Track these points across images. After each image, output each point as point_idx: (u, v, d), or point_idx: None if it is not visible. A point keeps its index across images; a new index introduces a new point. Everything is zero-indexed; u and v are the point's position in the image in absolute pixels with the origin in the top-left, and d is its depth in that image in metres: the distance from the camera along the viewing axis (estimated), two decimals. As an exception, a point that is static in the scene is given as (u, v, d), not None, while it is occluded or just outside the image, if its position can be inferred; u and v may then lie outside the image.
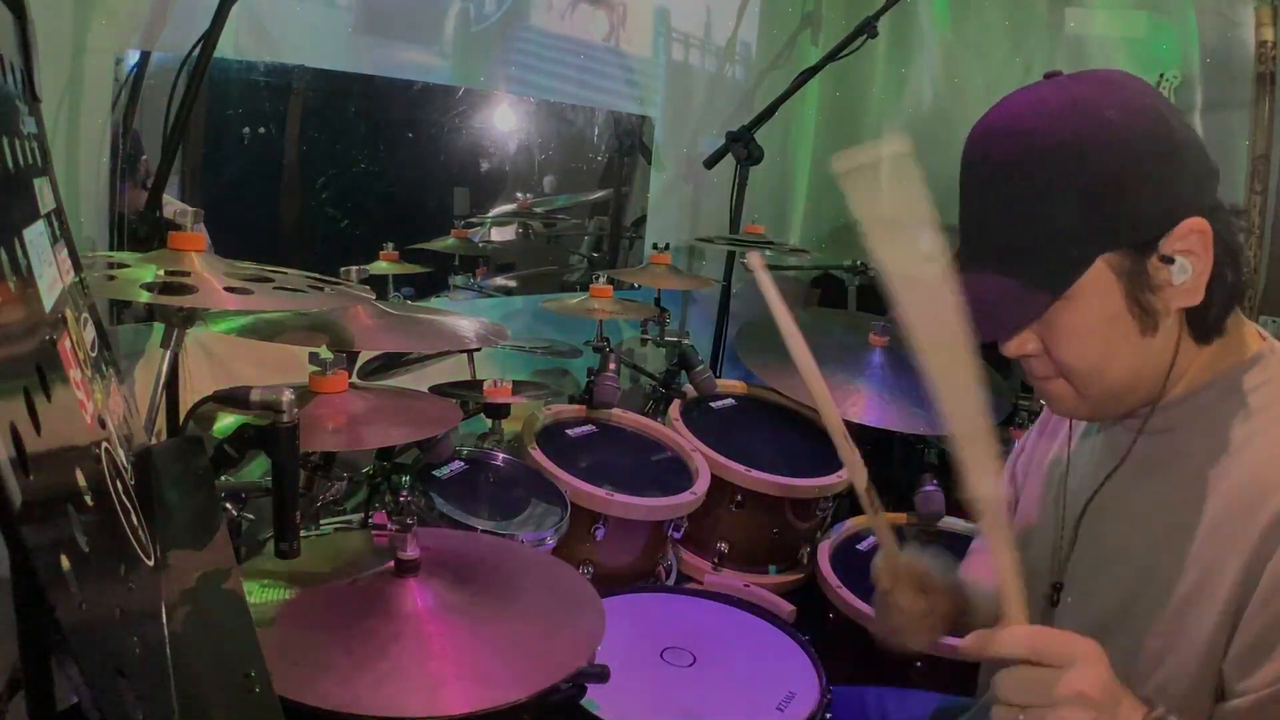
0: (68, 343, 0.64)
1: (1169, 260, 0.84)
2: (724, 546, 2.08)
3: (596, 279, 2.21)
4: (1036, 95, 0.88)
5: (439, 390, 1.85)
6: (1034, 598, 1.02)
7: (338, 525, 1.68)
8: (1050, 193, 0.85)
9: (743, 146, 2.57)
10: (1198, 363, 0.91)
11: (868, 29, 2.49)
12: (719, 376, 2.50)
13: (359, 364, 1.82)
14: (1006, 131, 0.88)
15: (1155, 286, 0.85)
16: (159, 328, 1.57)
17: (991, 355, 0.93)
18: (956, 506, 2.13)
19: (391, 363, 1.94)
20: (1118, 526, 0.97)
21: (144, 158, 1.71)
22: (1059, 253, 0.86)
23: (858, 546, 2.07)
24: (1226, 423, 0.89)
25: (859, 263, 2.82)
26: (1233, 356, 0.91)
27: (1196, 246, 0.84)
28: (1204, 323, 0.88)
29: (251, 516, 1.36)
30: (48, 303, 0.62)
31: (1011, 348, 0.93)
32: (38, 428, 0.47)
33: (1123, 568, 0.94)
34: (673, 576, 2.04)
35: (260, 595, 1.18)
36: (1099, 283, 0.85)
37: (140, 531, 0.68)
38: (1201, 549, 0.87)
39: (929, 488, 2.08)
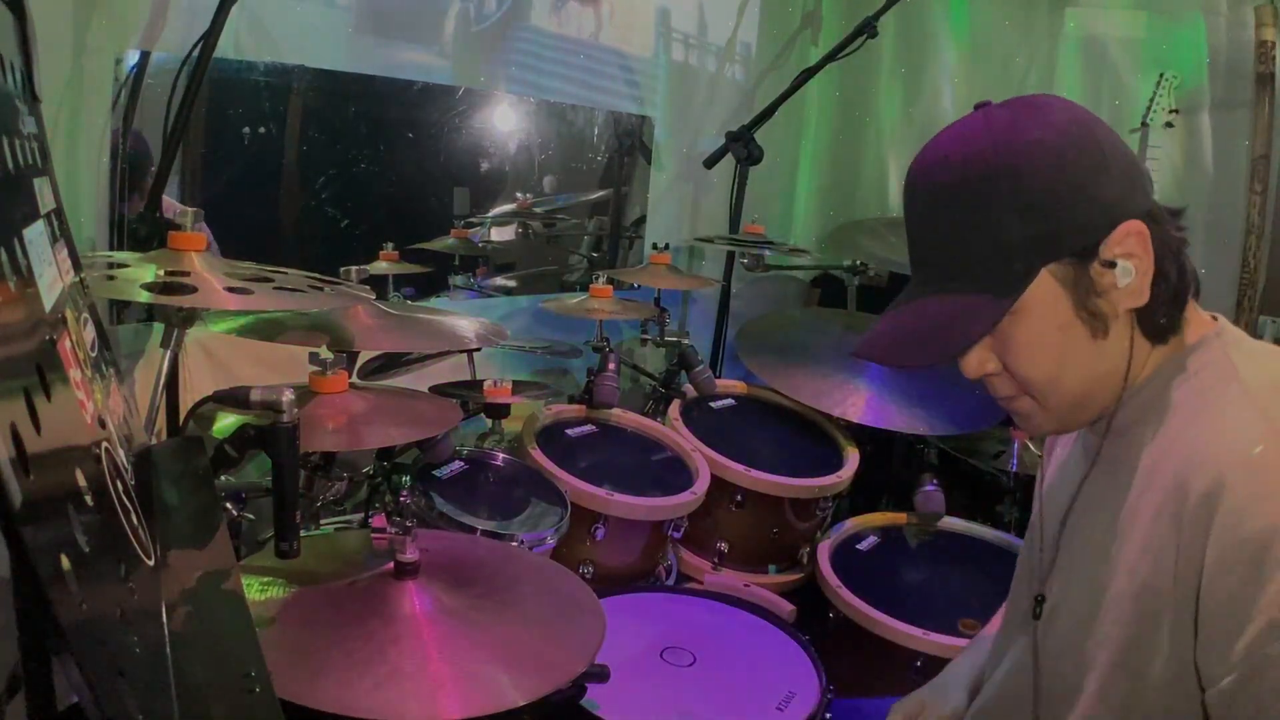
0: (68, 343, 0.64)
1: (1111, 265, 0.88)
2: (724, 546, 2.08)
3: (596, 279, 2.21)
4: (963, 127, 0.93)
5: (439, 390, 1.85)
6: (1021, 613, 1.04)
7: (338, 525, 1.68)
8: (989, 213, 0.88)
9: (743, 146, 2.57)
10: (1152, 358, 0.94)
11: (868, 29, 2.49)
12: (719, 376, 2.50)
13: (359, 364, 1.82)
14: (939, 164, 0.92)
15: (1101, 290, 0.89)
16: (159, 328, 1.57)
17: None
18: (956, 506, 2.13)
19: (391, 363, 1.94)
20: (1088, 529, 0.98)
21: (148, 164, 1.71)
22: (1005, 267, 0.89)
23: (858, 546, 2.07)
24: (1169, 411, 0.91)
25: (859, 263, 2.82)
26: (1178, 346, 0.94)
27: (1136, 248, 0.88)
28: (1154, 321, 0.92)
29: (251, 516, 1.36)
30: (48, 303, 0.62)
31: (973, 368, 0.96)
32: (38, 428, 0.47)
33: (1092, 564, 0.96)
34: (673, 576, 2.04)
35: (260, 595, 1.18)
36: (1047, 293, 0.89)
37: (140, 531, 0.68)
38: (1150, 538, 0.88)
39: (929, 488, 2.08)
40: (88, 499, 0.55)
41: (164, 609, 0.66)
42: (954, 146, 0.92)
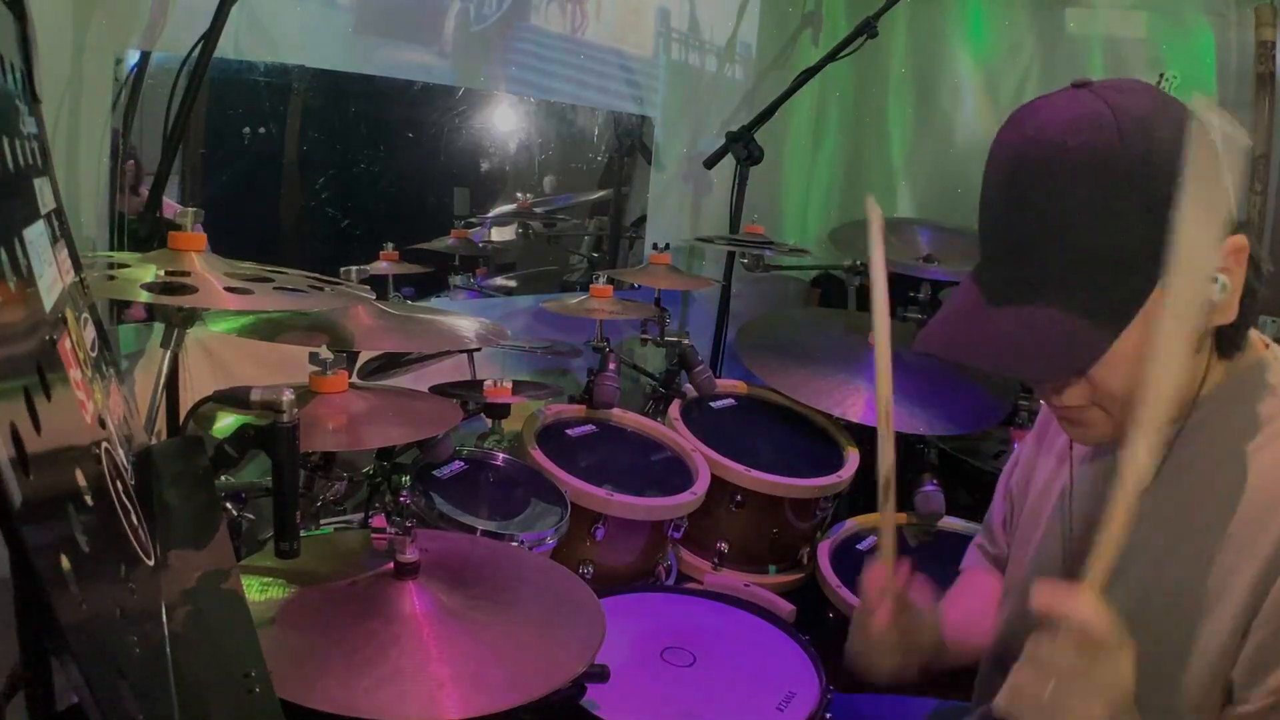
0: (68, 343, 0.64)
1: (1213, 279, 0.81)
2: (724, 546, 2.08)
3: (596, 279, 2.21)
4: (1085, 107, 0.83)
5: (439, 390, 1.85)
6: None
7: (338, 525, 1.68)
8: (1119, 214, 0.80)
9: (743, 146, 2.57)
10: (1211, 372, 0.91)
11: (868, 29, 2.49)
12: (719, 376, 2.50)
13: (359, 364, 1.82)
14: (1060, 146, 0.83)
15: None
16: (159, 328, 1.57)
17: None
18: (956, 506, 2.13)
19: (391, 363, 1.94)
20: (1132, 537, 0.97)
21: (129, 164, 1.70)
22: (1122, 282, 0.82)
23: (858, 546, 2.07)
24: (1236, 430, 0.89)
25: (859, 263, 2.82)
26: (1240, 362, 0.91)
27: (1233, 265, 0.82)
28: (1232, 338, 0.89)
29: (251, 516, 1.36)
30: (48, 303, 0.62)
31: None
32: (38, 428, 0.47)
33: (1133, 571, 0.93)
34: (673, 576, 2.04)
35: (260, 595, 1.18)
36: (1155, 308, 0.81)
37: (140, 531, 0.68)
38: (1215, 556, 0.86)
39: (929, 488, 2.08)
40: (88, 499, 0.55)
41: (164, 609, 0.66)
42: (1074, 130, 0.82)
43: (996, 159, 0.88)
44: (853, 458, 2.20)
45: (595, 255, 2.76)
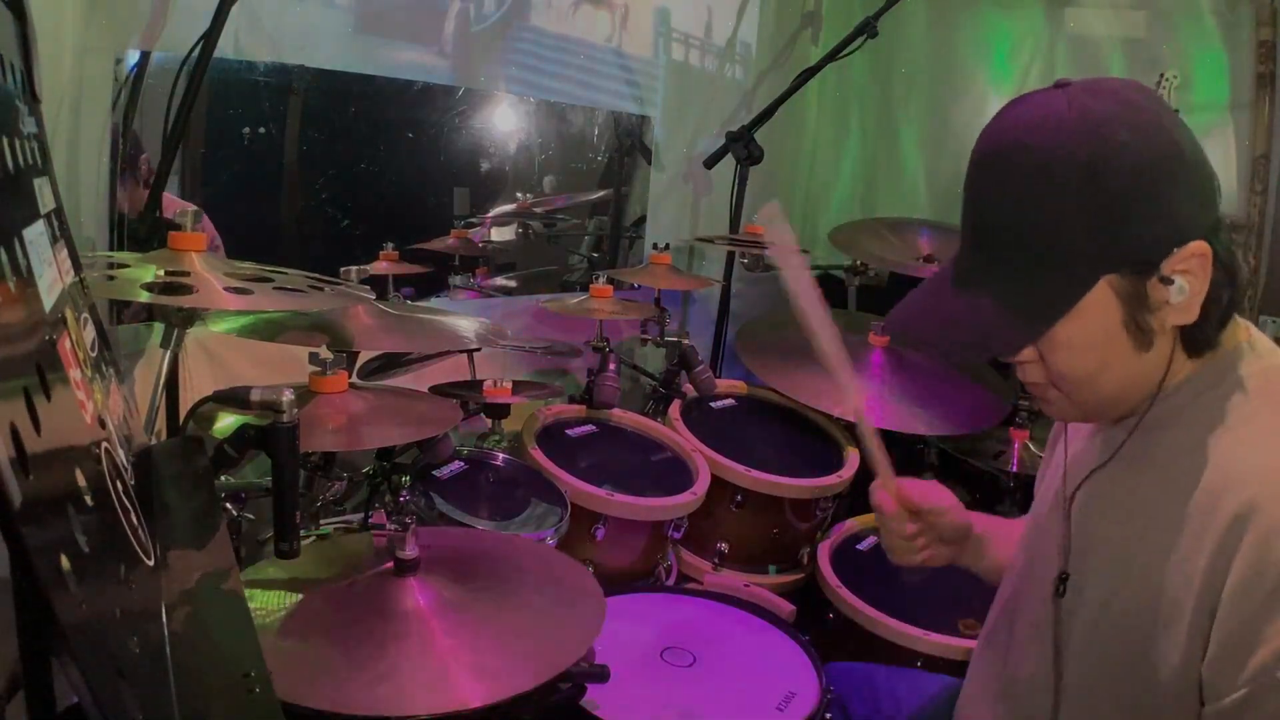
0: (68, 343, 0.64)
1: (1168, 281, 0.86)
2: (724, 546, 2.08)
3: (596, 279, 2.21)
4: (1048, 108, 0.87)
5: (439, 390, 1.85)
6: (1044, 588, 1.05)
7: (338, 525, 1.68)
8: (1059, 214, 0.86)
9: (743, 146, 2.57)
10: (1186, 364, 0.94)
11: (868, 29, 2.49)
12: (719, 376, 2.50)
13: (359, 364, 1.81)
14: (1015, 145, 0.89)
15: (1154, 306, 0.88)
16: (159, 328, 1.57)
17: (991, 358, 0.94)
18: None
19: (391, 363, 1.94)
20: (1103, 520, 0.99)
21: (144, 157, 1.71)
22: (1064, 273, 0.87)
23: (858, 547, 2.07)
24: (1200, 419, 0.91)
25: (859, 263, 2.82)
26: (1213, 357, 0.93)
27: (1195, 268, 0.86)
28: (1197, 339, 0.91)
29: (251, 516, 1.36)
30: (48, 303, 0.62)
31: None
32: (38, 428, 0.47)
33: (1107, 561, 0.96)
34: (673, 576, 2.04)
35: (262, 604, 1.18)
36: (1099, 302, 0.88)
37: (140, 531, 0.68)
38: (1175, 545, 0.88)
39: (929, 488, 2.08)
40: (88, 499, 0.55)
41: (164, 609, 0.66)
42: (1035, 128, 0.87)
43: (973, 151, 0.94)
44: (853, 458, 2.20)
45: (595, 255, 2.76)
